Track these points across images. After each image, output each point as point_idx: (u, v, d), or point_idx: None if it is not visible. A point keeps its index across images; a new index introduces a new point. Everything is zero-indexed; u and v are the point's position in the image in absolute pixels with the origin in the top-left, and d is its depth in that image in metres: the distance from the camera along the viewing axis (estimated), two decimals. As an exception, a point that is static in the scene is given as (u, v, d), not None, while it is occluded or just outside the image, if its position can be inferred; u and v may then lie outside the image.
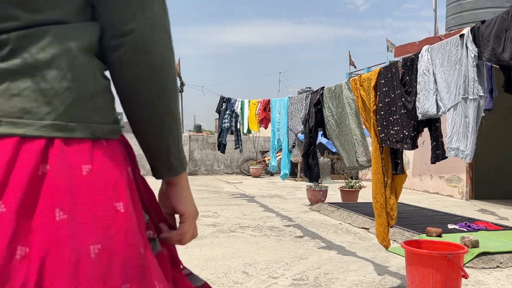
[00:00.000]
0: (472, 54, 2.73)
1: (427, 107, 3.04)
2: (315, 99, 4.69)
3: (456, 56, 2.87)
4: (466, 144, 2.82)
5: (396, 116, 3.35)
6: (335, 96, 4.36)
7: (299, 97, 5.37)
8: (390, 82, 3.40)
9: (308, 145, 4.83)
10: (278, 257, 4.12)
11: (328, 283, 3.40)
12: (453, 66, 2.89)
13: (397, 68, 3.36)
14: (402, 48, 8.86)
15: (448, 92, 2.93)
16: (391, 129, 3.39)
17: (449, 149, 2.93)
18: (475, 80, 2.73)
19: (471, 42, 2.76)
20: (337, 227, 5.64)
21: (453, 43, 2.90)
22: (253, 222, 5.82)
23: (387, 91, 3.43)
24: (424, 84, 3.08)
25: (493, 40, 2.60)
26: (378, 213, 3.50)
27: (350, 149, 4.28)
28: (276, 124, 6.15)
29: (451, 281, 2.82)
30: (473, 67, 2.73)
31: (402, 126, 3.30)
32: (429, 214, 6.40)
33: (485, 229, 5.15)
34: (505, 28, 2.54)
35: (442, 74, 2.98)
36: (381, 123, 3.47)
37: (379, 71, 3.54)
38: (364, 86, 3.68)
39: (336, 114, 4.38)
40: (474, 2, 9.76)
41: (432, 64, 3.06)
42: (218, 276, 3.51)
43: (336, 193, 8.05)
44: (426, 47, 3.12)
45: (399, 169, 3.49)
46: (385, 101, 3.44)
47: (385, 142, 3.45)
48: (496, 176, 8.58)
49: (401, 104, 3.30)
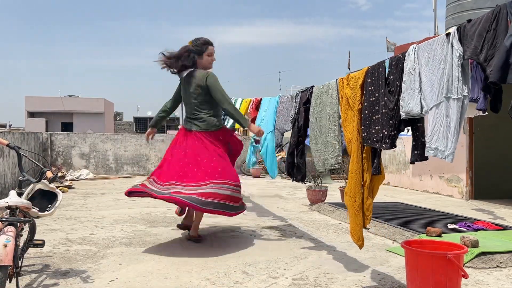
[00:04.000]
0: (457, 54, 2.71)
1: (412, 106, 3.02)
2: (304, 97, 4.65)
3: (441, 55, 2.85)
4: (447, 144, 2.79)
5: (378, 115, 3.32)
6: (320, 95, 4.31)
7: (289, 96, 5.28)
8: (376, 81, 3.38)
9: (295, 144, 4.78)
10: (278, 257, 4.12)
11: (328, 283, 3.40)
12: (438, 65, 2.86)
13: (384, 67, 3.34)
14: (402, 48, 8.85)
15: (432, 91, 2.90)
16: (372, 128, 3.36)
17: (428, 148, 2.91)
18: (459, 79, 2.71)
19: (457, 41, 2.73)
20: (337, 227, 5.64)
21: (439, 42, 2.88)
22: (253, 222, 5.82)
23: (372, 90, 3.40)
24: (409, 83, 3.05)
25: (476, 38, 2.59)
26: (355, 212, 3.47)
27: (323, 151, 4.23)
28: (259, 121, 5.92)
29: (451, 281, 2.82)
30: (457, 66, 2.71)
31: (382, 125, 3.27)
32: (429, 214, 6.40)
33: (485, 229, 5.15)
34: (487, 28, 2.53)
35: (427, 73, 2.95)
36: (364, 122, 3.44)
37: (366, 70, 3.52)
38: (351, 85, 3.64)
39: (317, 113, 4.32)
40: (474, 2, 9.77)
41: (418, 63, 3.03)
42: (218, 276, 3.51)
43: (336, 193, 8.05)
44: (413, 46, 3.10)
45: (373, 168, 3.46)
46: (370, 100, 3.41)
47: (366, 142, 3.42)
48: (496, 176, 8.57)
49: (383, 104, 3.27)
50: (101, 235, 4.93)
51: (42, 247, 3.40)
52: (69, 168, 12.38)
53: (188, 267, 3.74)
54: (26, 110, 31.79)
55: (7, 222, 2.91)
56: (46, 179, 3.28)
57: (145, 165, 12.93)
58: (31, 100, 31.97)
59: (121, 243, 4.59)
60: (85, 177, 11.69)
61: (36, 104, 31.95)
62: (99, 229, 5.29)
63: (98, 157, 12.73)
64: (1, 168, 7.96)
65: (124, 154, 12.90)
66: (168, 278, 3.46)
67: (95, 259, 3.96)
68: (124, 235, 4.97)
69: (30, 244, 3.33)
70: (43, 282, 3.32)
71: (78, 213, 6.37)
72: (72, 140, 12.63)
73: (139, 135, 13.34)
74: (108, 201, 7.71)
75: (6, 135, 8.90)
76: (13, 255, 2.73)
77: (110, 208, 6.87)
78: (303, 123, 4.67)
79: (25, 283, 3.26)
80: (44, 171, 3.25)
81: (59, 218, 5.93)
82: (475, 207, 7.56)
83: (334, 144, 4.07)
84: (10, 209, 3.04)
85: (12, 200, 3.04)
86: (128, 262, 3.89)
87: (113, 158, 12.83)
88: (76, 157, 12.57)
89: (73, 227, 5.39)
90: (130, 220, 5.86)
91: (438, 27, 11.61)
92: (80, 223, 5.65)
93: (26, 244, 3.34)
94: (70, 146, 12.58)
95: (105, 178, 11.92)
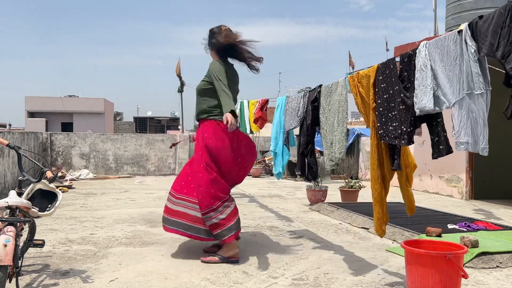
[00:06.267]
0: (472, 50, 2.72)
1: (424, 102, 3.03)
2: (312, 96, 4.67)
3: (455, 51, 2.85)
4: (478, 138, 2.79)
5: (394, 112, 3.34)
6: (330, 93, 4.34)
7: (296, 96, 5.30)
8: (388, 78, 3.40)
9: (305, 144, 4.79)
10: (278, 257, 4.12)
11: (328, 283, 3.40)
12: (453, 61, 2.87)
13: (395, 64, 3.35)
14: (402, 48, 8.84)
15: (451, 87, 2.91)
16: (389, 125, 3.39)
17: (458, 143, 2.90)
18: (479, 74, 2.71)
19: (470, 37, 2.74)
20: (337, 227, 5.64)
21: (451, 38, 2.88)
22: (253, 222, 5.82)
23: (385, 87, 3.43)
24: (421, 80, 3.07)
25: (491, 35, 2.59)
26: (374, 204, 3.58)
27: (330, 147, 4.28)
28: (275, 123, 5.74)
29: (450, 281, 2.82)
30: (475, 62, 2.71)
31: (400, 122, 3.30)
32: (429, 214, 6.40)
33: (484, 229, 5.15)
34: (501, 24, 2.53)
35: (443, 69, 2.96)
36: (380, 120, 3.47)
37: (377, 68, 3.53)
38: (363, 83, 3.68)
39: (327, 111, 4.36)
40: (474, 2, 9.76)
41: (430, 60, 3.04)
42: (218, 276, 3.51)
43: (336, 193, 8.05)
44: (424, 42, 3.11)
45: (395, 164, 3.49)
46: (384, 98, 3.43)
47: (383, 138, 3.45)
48: (495, 176, 8.57)
49: (399, 100, 3.29)
50: (101, 235, 4.93)
51: (42, 247, 3.40)
52: (69, 168, 12.38)
53: (188, 267, 3.74)
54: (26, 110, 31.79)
55: (7, 222, 2.91)
56: (46, 179, 3.28)
57: (145, 165, 12.93)
58: (31, 100, 31.96)
59: (121, 243, 4.59)
60: (85, 177, 11.69)
61: (36, 104, 31.94)
62: (99, 229, 5.29)
63: (98, 157, 12.73)
64: (1, 168, 7.96)
65: (124, 154, 12.90)
66: (168, 278, 3.46)
67: (95, 259, 3.95)
68: (124, 235, 4.97)
69: (30, 244, 3.33)
70: (43, 282, 3.32)
71: (78, 213, 6.37)
72: (72, 140, 12.63)
73: (139, 135, 13.34)
74: (108, 201, 7.71)
75: (6, 135, 8.90)
76: (13, 255, 2.72)
77: (110, 208, 6.87)
78: (310, 122, 4.67)
79: (25, 283, 3.26)
80: (44, 171, 3.25)
81: (59, 218, 5.93)
82: (475, 207, 7.56)
83: (341, 140, 4.16)
84: (10, 209, 3.04)
85: (12, 200, 3.04)
86: (128, 262, 3.89)
87: (113, 158, 12.83)
88: (76, 157, 12.57)
89: (73, 227, 5.38)
90: (130, 220, 5.86)
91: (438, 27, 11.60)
92: (80, 223, 5.65)
93: (26, 244, 3.34)
94: (70, 146, 12.57)
95: (105, 178, 11.92)
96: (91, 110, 32.52)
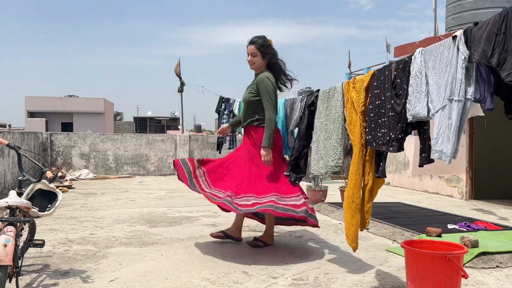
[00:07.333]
0: (463, 56, 2.71)
1: (418, 109, 3.02)
2: (309, 100, 4.65)
3: (447, 58, 2.85)
4: (448, 147, 2.81)
5: (384, 118, 3.32)
6: (327, 99, 4.31)
7: (292, 99, 5.29)
8: (382, 84, 3.38)
9: (302, 148, 4.76)
10: (278, 257, 4.12)
11: (328, 283, 3.40)
12: (444, 68, 2.87)
13: (391, 70, 3.34)
14: (402, 48, 8.85)
15: (438, 94, 2.91)
16: (378, 131, 3.37)
17: (434, 151, 2.92)
18: (462, 81, 2.71)
19: (463, 44, 2.73)
20: (337, 227, 5.64)
21: (446, 45, 2.88)
22: (252, 222, 5.81)
23: (378, 93, 3.41)
24: (416, 86, 3.06)
25: (484, 42, 2.58)
26: (352, 214, 3.52)
27: (323, 154, 4.22)
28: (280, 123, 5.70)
29: (450, 281, 2.82)
30: (462, 68, 2.71)
31: (389, 128, 3.27)
32: (429, 214, 6.40)
33: (484, 229, 5.15)
34: (496, 31, 2.53)
35: (433, 76, 2.96)
36: (369, 125, 3.45)
37: (373, 73, 3.52)
38: (357, 88, 3.65)
39: (324, 117, 4.32)
40: (474, 2, 9.77)
41: (425, 66, 3.04)
42: (218, 276, 3.51)
43: (336, 193, 8.05)
44: (419, 49, 3.10)
45: (380, 171, 3.48)
46: (376, 103, 3.42)
47: (371, 144, 3.43)
48: (495, 176, 8.58)
49: (389, 107, 3.27)
50: (101, 235, 4.93)
51: (42, 247, 3.41)
52: (69, 168, 12.38)
53: (188, 267, 3.74)
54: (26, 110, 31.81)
55: (7, 222, 2.91)
56: (46, 179, 3.28)
57: (145, 165, 12.92)
58: (31, 100, 31.98)
59: (121, 243, 4.59)
60: (85, 177, 11.69)
61: (36, 104, 31.96)
62: (99, 229, 5.29)
63: (98, 157, 12.73)
64: (1, 168, 7.96)
65: (124, 154, 12.90)
66: (168, 278, 3.46)
67: (95, 259, 3.96)
68: (124, 235, 4.97)
69: (30, 244, 3.33)
70: (43, 282, 3.32)
71: (78, 213, 6.37)
72: (72, 140, 12.63)
73: (139, 135, 13.34)
74: (108, 201, 7.71)
75: (6, 135, 8.90)
76: (13, 255, 2.72)
77: (110, 208, 6.87)
78: (305, 126, 4.66)
79: (25, 283, 3.26)
80: (44, 171, 3.25)
81: (59, 218, 5.93)
82: (475, 207, 7.56)
83: (336, 147, 4.07)
84: (10, 209, 3.04)
85: (12, 200, 3.04)
86: (128, 262, 3.89)
87: (113, 158, 12.83)
88: (76, 157, 12.57)
89: (73, 227, 5.39)
90: (130, 220, 5.86)
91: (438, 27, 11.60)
92: (80, 223, 5.65)
93: (26, 244, 3.34)
94: (70, 146, 12.58)
95: (105, 178, 11.92)
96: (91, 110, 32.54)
